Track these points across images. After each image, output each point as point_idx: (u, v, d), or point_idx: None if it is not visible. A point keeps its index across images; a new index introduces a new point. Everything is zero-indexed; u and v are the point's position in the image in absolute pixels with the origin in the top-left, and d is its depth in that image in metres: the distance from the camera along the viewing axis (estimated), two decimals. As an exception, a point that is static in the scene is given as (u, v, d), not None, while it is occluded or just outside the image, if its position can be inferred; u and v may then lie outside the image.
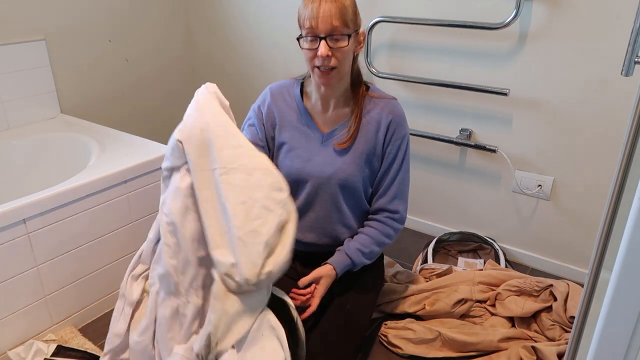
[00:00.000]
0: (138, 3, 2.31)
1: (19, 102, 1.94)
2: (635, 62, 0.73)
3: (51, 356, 1.39)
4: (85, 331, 1.57)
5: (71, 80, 2.12)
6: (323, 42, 1.15)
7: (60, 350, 1.42)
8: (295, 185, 1.33)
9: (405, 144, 1.33)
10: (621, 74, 0.75)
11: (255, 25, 2.33)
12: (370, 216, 1.37)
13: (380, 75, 1.99)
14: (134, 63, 2.37)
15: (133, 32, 2.32)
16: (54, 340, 1.48)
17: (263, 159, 1.08)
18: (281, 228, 1.04)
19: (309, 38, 1.17)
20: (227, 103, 1.16)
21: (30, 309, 1.45)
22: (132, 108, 2.42)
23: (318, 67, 1.18)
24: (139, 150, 1.71)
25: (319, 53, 1.15)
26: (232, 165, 1.04)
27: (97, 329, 1.59)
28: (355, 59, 1.27)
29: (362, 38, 1.24)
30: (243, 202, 1.02)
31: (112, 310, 1.67)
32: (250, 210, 1.02)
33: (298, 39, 1.20)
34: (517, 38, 1.68)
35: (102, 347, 1.50)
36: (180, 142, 1.08)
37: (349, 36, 1.17)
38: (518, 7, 1.60)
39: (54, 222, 1.44)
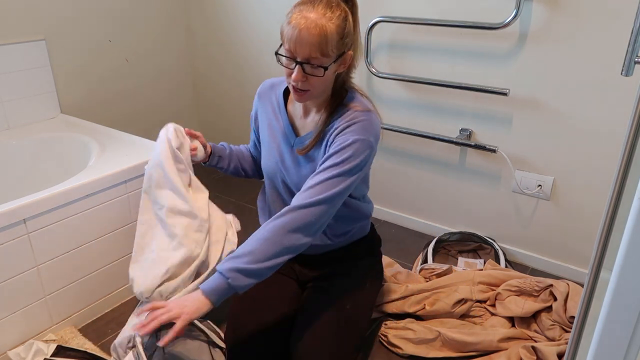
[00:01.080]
0: (138, 3, 2.31)
1: (19, 102, 1.94)
2: (635, 62, 0.73)
3: (51, 356, 1.39)
4: (85, 331, 1.57)
5: (71, 80, 2.12)
6: (298, 67, 1.10)
7: (60, 350, 1.42)
8: (273, 185, 1.35)
9: (349, 147, 1.13)
10: (621, 74, 0.75)
11: (255, 24, 2.33)
12: None
13: (380, 75, 1.99)
14: (134, 63, 2.37)
15: (133, 32, 2.32)
16: (54, 340, 1.48)
17: (192, 202, 1.30)
18: (189, 263, 1.27)
19: (286, 57, 1.12)
20: (185, 142, 1.35)
21: (30, 309, 1.45)
22: (132, 108, 2.42)
23: (292, 85, 1.15)
24: (139, 150, 1.71)
25: (292, 76, 1.12)
26: (165, 204, 1.29)
27: (97, 329, 1.59)
28: (339, 76, 1.21)
29: (348, 58, 1.16)
30: (168, 234, 1.28)
31: (112, 311, 1.67)
32: (170, 242, 1.27)
33: (276, 53, 1.15)
34: (517, 38, 1.68)
35: (102, 347, 1.50)
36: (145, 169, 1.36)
37: (326, 67, 1.11)
38: (518, 7, 1.59)
39: (54, 222, 1.44)
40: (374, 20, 1.90)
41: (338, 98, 1.22)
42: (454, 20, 1.75)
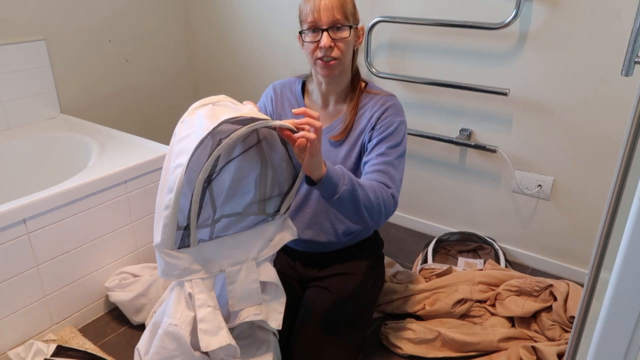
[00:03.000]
0: (138, 3, 2.31)
1: (19, 102, 1.94)
2: (635, 62, 0.73)
3: (51, 356, 1.39)
4: (85, 331, 1.57)
5: (71, 80, 2.12)
6: (325, 33, 1.18)
7: (60, 350, 1.42)
8: None
9: (398, 130, 1.25)
10: (621, 74, 0.75)
11: (256, 24, 2.33)
12: None
13: (380, 75, 1.99)
14: (134, 63, 2.37)
15: (133, 32, 2.32)
16: (54, 340, 1.48)
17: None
18: None
19: (311, 31, 1.20)
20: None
21: (30, 309, 1.45)
22: (132, 108, 2.42)
23: (320, 59, 1.20)
24: (139, 150, 1.71)
25: (321, 44, 1.18)
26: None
27: (97, 329, 1.59)
28: (354, 55, 1.29)
29: (361, 33, 1.27)
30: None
31: (111, 310, 1.67)
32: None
33: (300, 33, 1.24)
34: (517, 38, 1.68)
35: (102, 347, 1.50)
36: None
37: (350, 27, 1.21)
38: (518, 7, 1.59)
39: (54, 222, 1.44)
40: (374, 20, 1.90)
41: (356, 86, 1.32)
42: (454, 20, 1.75)
